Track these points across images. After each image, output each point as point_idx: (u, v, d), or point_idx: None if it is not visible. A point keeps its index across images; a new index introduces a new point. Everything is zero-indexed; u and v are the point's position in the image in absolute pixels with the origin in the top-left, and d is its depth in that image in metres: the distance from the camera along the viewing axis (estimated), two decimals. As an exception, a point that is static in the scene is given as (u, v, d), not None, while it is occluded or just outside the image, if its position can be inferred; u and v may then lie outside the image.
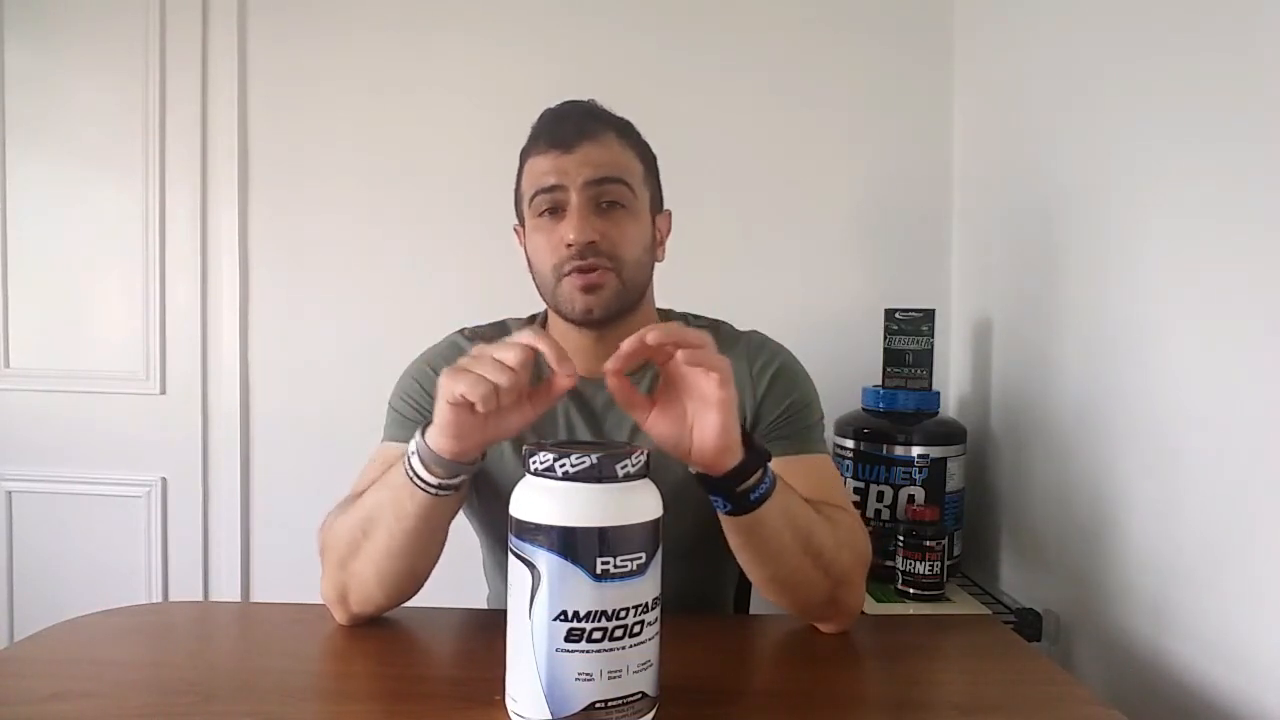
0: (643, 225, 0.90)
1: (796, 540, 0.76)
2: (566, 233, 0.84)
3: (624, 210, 0.88)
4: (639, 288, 0.91)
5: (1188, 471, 0.96)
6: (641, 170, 0.91)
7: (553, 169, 0.86)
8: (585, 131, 0.87)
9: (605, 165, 0.86)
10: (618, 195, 0.87)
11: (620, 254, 0.86)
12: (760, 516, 0.73)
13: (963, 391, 1.62)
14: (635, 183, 0.89)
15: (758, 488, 0.72)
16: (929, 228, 1.68)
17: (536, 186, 0.87)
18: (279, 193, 1.73)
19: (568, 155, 0.86)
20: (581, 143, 0.86)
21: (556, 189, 0.86)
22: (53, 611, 0.89)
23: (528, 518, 0.59)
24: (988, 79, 1.56)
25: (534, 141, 0.90)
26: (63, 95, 1.74)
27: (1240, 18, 0.89)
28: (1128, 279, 1.09)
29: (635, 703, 0.60)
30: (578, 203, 0.85)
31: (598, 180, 0.86)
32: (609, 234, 0.86)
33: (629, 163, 0.89)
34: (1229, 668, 0.90)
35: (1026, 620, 1.24)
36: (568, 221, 0.85)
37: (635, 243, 0.88)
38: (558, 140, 0.87)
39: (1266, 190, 0.84)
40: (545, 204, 0.87)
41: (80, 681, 0.72)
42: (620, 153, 0.89)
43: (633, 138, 0.92)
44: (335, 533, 0.81)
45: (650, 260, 0.93)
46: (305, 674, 0.77)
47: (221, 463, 1.76)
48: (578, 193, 0.85)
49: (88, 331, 1.77)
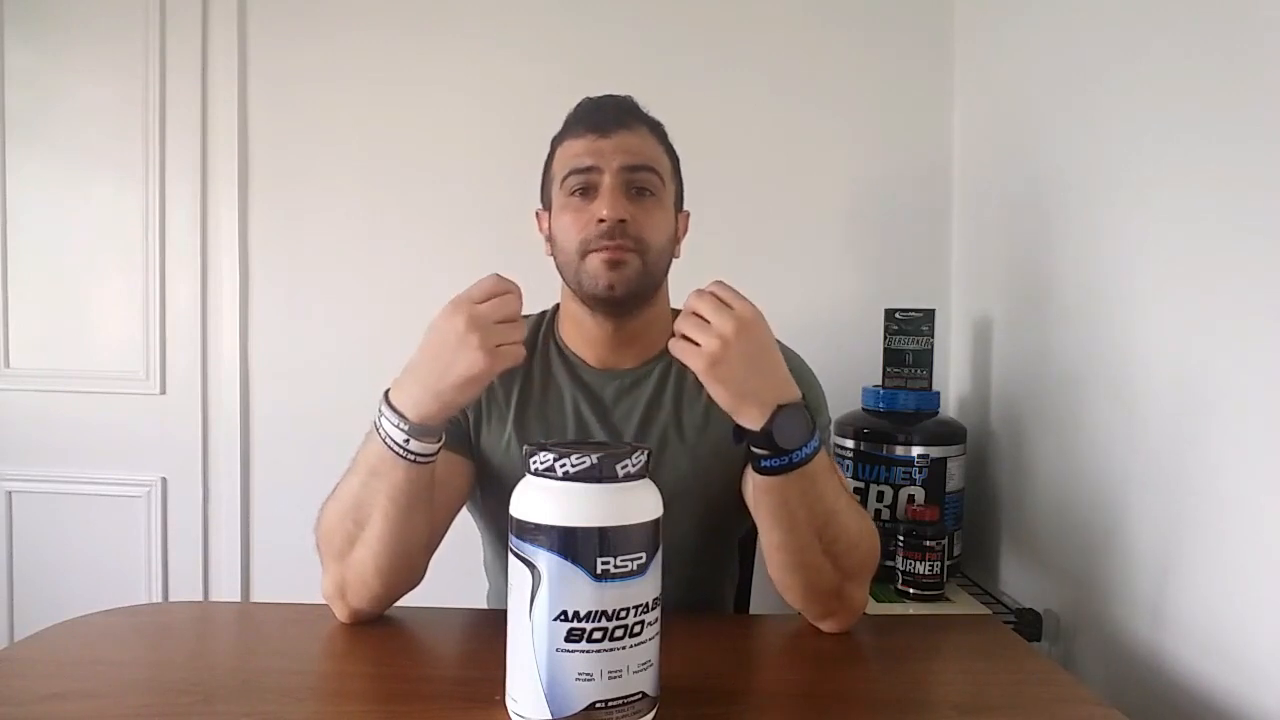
0: (668, 216, 0.93)
1: (811, 521, 0.78)
2: (599, 209, 0.87)
3: (653, 198, 0.90)
4: (658, 275, 0.93)
5: (1187, 471, 0.96)
6: (670, 166, 0.95)
7: (588, 151, 0.89)
8: (622, 121, 0.90)
9: (639, 154, 0.90)
10: (648, 183, 0.90)
11: (646, 238, 0.89)
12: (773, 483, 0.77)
13: (963, 391, 1.62)
14: (665, 175, 0.93)
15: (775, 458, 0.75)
16: (929, 228, 1.68)
17: (571, 166, 0.90)
18: (279, 193, 1.73)
19: (604, 139, 0.89)
20: (618, 130, 0.90)
21: (592, 170, 0.88)
22: (53, 611, 0.89)
23: (528, 518, 0.59)
24: (988, 79, 1.56)
25: (571, 126, 0.93)
26: (63, 95, 1.74)
27: (1239, 18, 0.89)
28: (1128, 279, 1.09)
29: (635, 703, 0.60)
30: (611, 184, 0.88)
31: (632, 167, 0.89)
32: (638, 217, 0.88)
33: (660, 156, 0.93)
34: (1229, 668, 0.90)
35: (1026, 620, 1.24)
36: (601, 199, 0.87)
37: (661, 230, 0.91)
38: (595, 125, 0.90)
39: (1267, 190, 0.84)
40: (578, 184, 0.89)
41: (80, 681, 0.72)
42: (653, 145, 0.93)
43: (663, 137, 0.95)
44: (327, 526, 0.82)
45: (671, 251, 0.95)
46: (305, 674, 0.77)
47: (221, 463, 1.76)
48: (612, 175, 0.88)
49: (88, 331, 1.76)
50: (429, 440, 0.76)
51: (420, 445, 0.76)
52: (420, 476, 0.78)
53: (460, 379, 0.73)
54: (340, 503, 0.81)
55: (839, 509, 0.80)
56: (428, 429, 0.75)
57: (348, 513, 0.80)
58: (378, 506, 0.78)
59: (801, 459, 0.75)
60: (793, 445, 0.74)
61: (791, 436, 0.74)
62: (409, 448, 0.75)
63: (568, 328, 0.98)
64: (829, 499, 0.79)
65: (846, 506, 0.82)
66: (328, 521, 0.83)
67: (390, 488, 0.77)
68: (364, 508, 0.79)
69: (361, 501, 0.79)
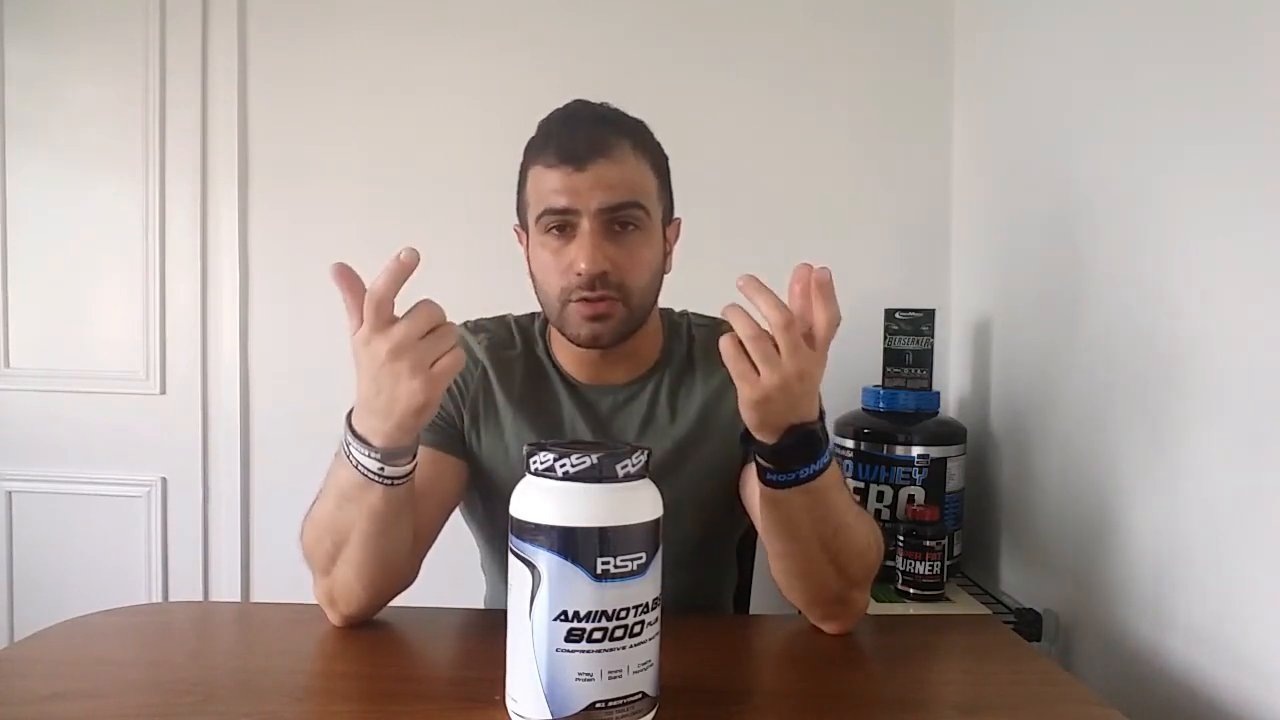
0: (655, 248, 0.87)
1: (816, 534, 0.75)
2: (577, 261, 0.81)
3: (638, 232, 0.84)
4: (646, 311, 0.89)
5: (1188, 471, 0.96)
6: (656, 185, 0.87)
7: (564, 189, 0.81)
8: (598, 145, 0.81)
9: (619, 188, 0.82)
10: (632, 218, 0.83)
11: (629, 283, 0.84)
12: (780, 498, 0.73)
13: (963, 391, 1.62)
14: (650, 203, 0.85)
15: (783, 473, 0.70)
16: (929, 228, 1.68)
17: (545, 205, 0.83)
18: (279, 193, 1.73)
19: (580, 174, 0.81)
20: (595, 159, 0.81)
21: (568, 211, 0.81)
22: (53, 611, 0.89)
23: (528, 518, 0.59)
24: (988, 79, 1.56)
25: (542, 148, 0.84)
26: (63, 95, 1.74)
27: (1239, 19, 0.89)
28: (1127, 279, 1.09)
29: (635, 703, 0.60)
30: (590, 229, 0.81)
31: (612, 207, 0.82)
32: (620, 263, 0.82)
33: (643, 180, 0.85)
34: (1229, 667, 0.90)
35: (1026, 620, 1.24)
36: (579, 247, 0.81)
37: (646, 268, 0.86)
38: (569, 154, 0.81)
39: (1264, 190, 0.84)
40: (554, 223, 0.83)
41: (80, 681, 0.72)
42: (634, 168, 0.84)
43: (647, 145, 0.88)
44: (307, 544, 0.80)
45: (659, 276, 0.90)
46: (305, 674, 0.77)
47: (221, 463, 1.76)
48: (590, 219, 0.81)
49: (88, 331, 1.77)
50: (403, 462, 0.71)
51: (394, 469, 0.71)
52: (398, 494, 0.73)
53: (408, 410, 0.66)
54: (317, 526, 0.78)
55: (847, 522, 0.77)
56: (399, 450, 0.70)
57: (325, 534, 0.77)
58: (356, 529, 0.74)
59: (808, 475, 0.70)
60: (799, 465, 0.70)
61: (799, 456, 0.70)
62: (385, 474, 0.70)
63: (557, 344, 0.94)
64: (837, 513, 0.76)
65: (855, 519, 0.78)
66: (308, 541, 0.80)
67: (368, 510, 0.73)
68: (341, 530, 0.75)
69: (339, 525, 0.75)
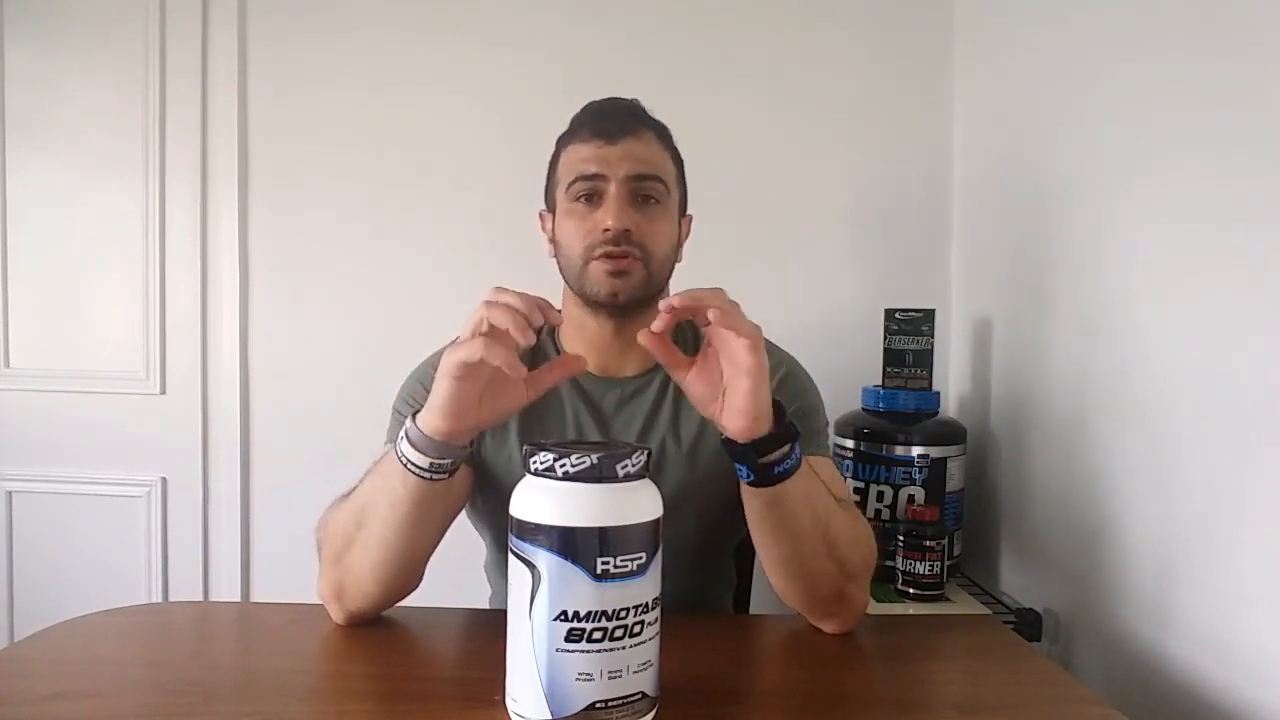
0: (672, 223, 0.94)
1: (814, 525, 0.77)
2: (604, 218, 0.87)
3: (658, 206, 0.91)
4: (661, 282, 0.93)
5: (1187, 471, 0.96)
6: (675, 172, 0.95)
7: (595, 158, 0.89)
8: (628, 127, 0.90)
9: (646, 162, 0.90)
10: (654, 191, 0.90)
11: (650, 246, 0.89)
12: (781, 492, 0.74)
13: (963, 391, 1.62)
14: (670, 182, 0.93)
15: (782, 462, 0.73)
16: (929, 228, 1.68)
17: (577, 173, 0.90)
18: (279, 193, 1.73)
19: (611, 146, 0.89)
20: (625, 137, 0.89)
21: (598, 178, 0.89)
22: (53, 611, 0.89)
23: (528, 518, 0.59)
24: (988, 79, 1.56)
25: (576, 130, 0.93)
26: (63, 95, 1.74)
27: (1238, 19, 0.89)
28: (1127, 279, 1.09)
29: (635, 703, 0.60)
30: (617, 193, 0.88)
31: (638, 175, 0.89)
32: (642, 226, 0.89)
33: (665, 163, 0.93)
34: (1229, 667, 0.90)
35: (1026, 620, 1.24)
36: (606, 208, 0.88)
37: (665, 238, 0.92)
38: (602, 131, 0.90)
39: (1267, 191, 0.84)
40: (584, 190, 0.90)
41: (80, 681, 0.72)
42: (659, 152, 0.93)
43: (669, 142, 0.95)
44: (330, 528, 0.82)
45: (674, 257, 0.95)
46: (305, 674, 0.77)
47: (221, 463, 1.76)
48: (618, 184, 0.88)
49: (88, 331, 1.76)
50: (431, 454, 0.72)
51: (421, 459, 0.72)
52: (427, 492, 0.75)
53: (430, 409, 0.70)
54: (347, 508, 0.80)
55: (834, 507, 0.80)
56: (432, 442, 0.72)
57: (352, 517, 0.79)
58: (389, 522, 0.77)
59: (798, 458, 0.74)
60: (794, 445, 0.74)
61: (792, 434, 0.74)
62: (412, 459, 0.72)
63: (568, 332, 0.97)
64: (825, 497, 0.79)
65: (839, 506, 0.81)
66: (331, 523, 0.82)
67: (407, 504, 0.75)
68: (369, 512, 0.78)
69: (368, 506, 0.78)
